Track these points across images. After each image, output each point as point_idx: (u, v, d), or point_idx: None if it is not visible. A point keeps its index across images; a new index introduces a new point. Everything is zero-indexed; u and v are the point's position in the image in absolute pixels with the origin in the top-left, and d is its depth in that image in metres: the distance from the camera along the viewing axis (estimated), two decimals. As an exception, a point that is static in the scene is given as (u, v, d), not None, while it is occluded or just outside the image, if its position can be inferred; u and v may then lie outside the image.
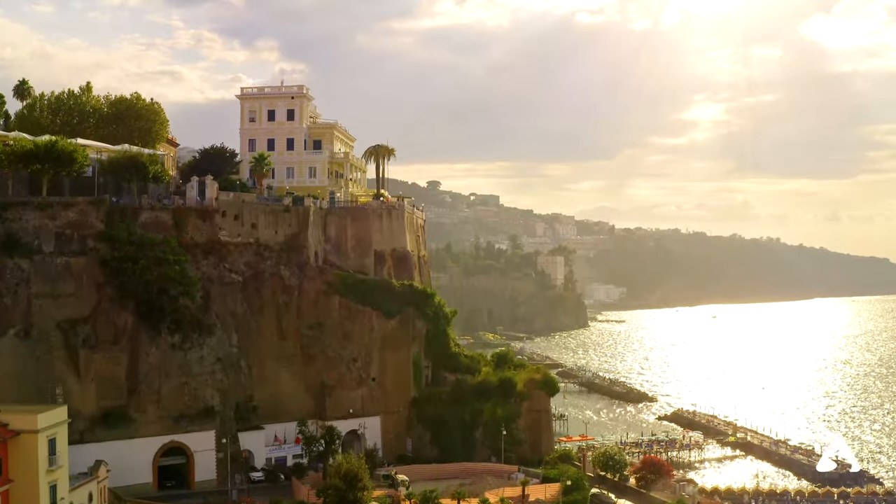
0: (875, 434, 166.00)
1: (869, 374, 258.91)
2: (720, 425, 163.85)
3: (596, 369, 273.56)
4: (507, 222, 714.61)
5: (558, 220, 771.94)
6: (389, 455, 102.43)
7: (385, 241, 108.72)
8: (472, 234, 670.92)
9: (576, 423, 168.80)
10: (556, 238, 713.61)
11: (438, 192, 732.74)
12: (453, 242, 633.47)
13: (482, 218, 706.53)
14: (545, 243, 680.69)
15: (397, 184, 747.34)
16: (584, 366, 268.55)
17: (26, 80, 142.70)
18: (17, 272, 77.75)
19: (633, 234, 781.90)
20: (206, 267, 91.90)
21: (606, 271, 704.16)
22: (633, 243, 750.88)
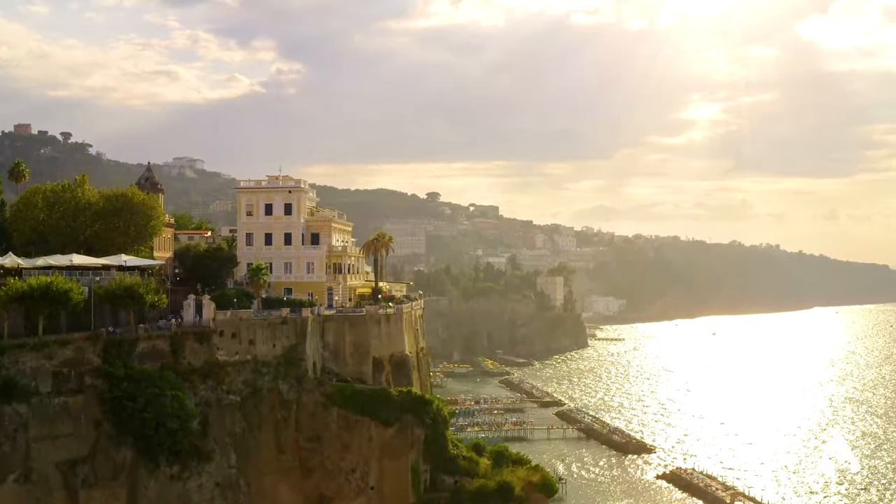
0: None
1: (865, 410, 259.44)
2: (718, 490, 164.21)
3: (594, 406, 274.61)
4: (506, 234, 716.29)
5: (558, 231, 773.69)
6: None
7: (383, 347, 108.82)
8: (471, 246, 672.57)
9: (574, 493, 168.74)
10: (556, 249, 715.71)
11: (438, 204, 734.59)
12: (452, 256, 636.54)
13: (481, 230, 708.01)
14: (545, 255, 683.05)
15: (396, 195, 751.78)
16: (582, 407, 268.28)
17: (21, 162, 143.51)
18: (16, 418, 77.97)
19: (632, 244, 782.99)
20: (205, 391, 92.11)
21: (606, 283, 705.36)
22: (633, 254, 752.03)
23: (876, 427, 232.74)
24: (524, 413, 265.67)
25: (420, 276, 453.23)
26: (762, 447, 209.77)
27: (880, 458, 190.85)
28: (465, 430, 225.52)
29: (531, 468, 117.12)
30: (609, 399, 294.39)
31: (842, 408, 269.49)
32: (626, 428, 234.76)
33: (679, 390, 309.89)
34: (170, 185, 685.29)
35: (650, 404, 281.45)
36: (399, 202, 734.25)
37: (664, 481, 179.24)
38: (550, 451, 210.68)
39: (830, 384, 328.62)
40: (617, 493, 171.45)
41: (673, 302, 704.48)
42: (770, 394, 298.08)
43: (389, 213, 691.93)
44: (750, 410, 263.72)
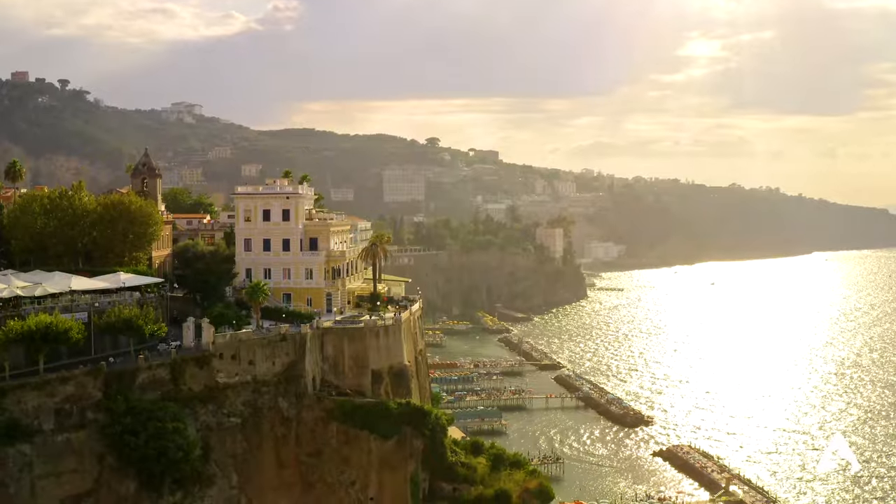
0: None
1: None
2: (713, 471, 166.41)
3: (592, 369, 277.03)
4: (506, 180, 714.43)
5: (557, 176, 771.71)
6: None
7: (382, 359, 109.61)
8: (471, 193, 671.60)
9: (571, 473, 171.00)
10: (556, 196, 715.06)
11: (437, 150, 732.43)
12: (452, 203, 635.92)
13: (481, 176, 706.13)
14: (544, 202, 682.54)
15: (396, 141, 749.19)
16: (581, 372, 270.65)
17: (17, 162, 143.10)
18: (20, 458, 78.80)
19: (632, 189, 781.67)
20: (205, 416, 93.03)
21: (605, 229, 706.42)
22: (632, 199, 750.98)
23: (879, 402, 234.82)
24: (523, 377, 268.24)
25: (419, 229, 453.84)
26: (760, 419, 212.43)
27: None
28: (464, 398, 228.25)
29: (528, 472, 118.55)
30: (607, 361, 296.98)
31: (842, 377, 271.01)
32: (624, 396, 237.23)
33: (676, 351, 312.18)
34: (168, 131, 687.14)
35: (648, 367, 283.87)
36: (398, 147, 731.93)
37: (660, 459, 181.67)
38: (549, 422, 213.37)
39: (830, 347, 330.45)
40: (613, 473, 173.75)
41: (672, 248, 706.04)
42: (770, 357, 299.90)
43: (389, 159, 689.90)
44: (749, 376, 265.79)
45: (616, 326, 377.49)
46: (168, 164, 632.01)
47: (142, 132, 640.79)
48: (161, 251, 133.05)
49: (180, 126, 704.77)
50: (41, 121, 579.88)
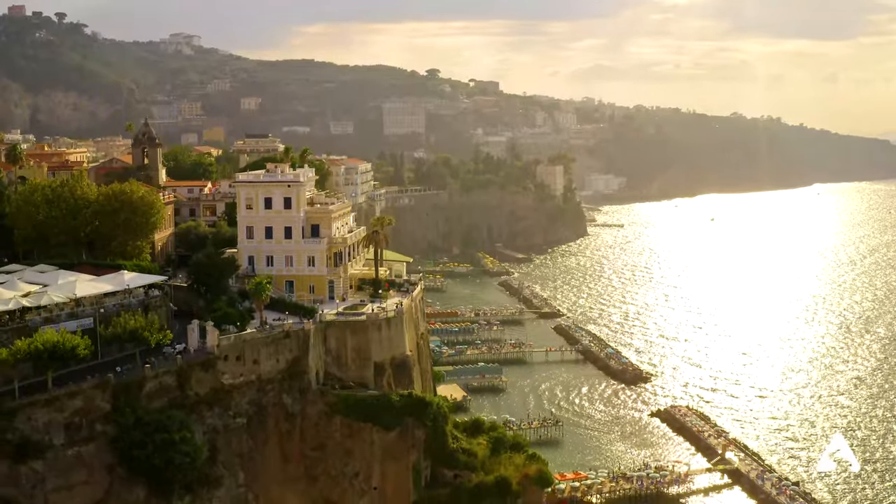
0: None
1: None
2: (710, 436, 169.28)
3: (592, 317, 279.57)
4: (506, 112, 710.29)
5: (558, 107, 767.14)
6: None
7: (384, 351, 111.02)
8: (471, 125, 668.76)
9: (570, 436, 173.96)
10: (556, 128, 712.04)
11: (437, 82, 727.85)
12: (452, 135, 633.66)
13: (481, 109, 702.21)
14: (545, 134, 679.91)
15: (395, 72, 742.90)
16: (580, 320, 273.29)
17: (18, 146, 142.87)
18: (32, 475, 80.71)
19: (632, 120, 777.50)
20: (212, 419, 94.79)
21: (606, 161, 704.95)
22: (633, 131, 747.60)
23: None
24: (523, 326, 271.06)
25: (420, 167, 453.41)
26: (758, 374, 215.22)
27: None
28: (464, 353, 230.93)
29: (528, 456, 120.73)
30: (606, 308, 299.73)
31: (845, 330, 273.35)
32: (623, 348, 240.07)
33: (676, 297, 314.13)
34: (167, 64, 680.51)
35: (646, 314, 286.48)
36: (398, 79, 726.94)
37: (658, 420, 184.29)
38: (549, 378, 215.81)
39: (829, 293, 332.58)
40: (611, 436, 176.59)
41: (673, 180, 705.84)
42: (769, 303, 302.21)
43: (389, 91, 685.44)
44: (748, 324, 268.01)
45: (615, 268, 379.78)
46: (167, 98, 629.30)
47: (140, 65, 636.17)
48: (163, 232, 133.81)
49: (179, 58, 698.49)
50: (39, 56, 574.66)
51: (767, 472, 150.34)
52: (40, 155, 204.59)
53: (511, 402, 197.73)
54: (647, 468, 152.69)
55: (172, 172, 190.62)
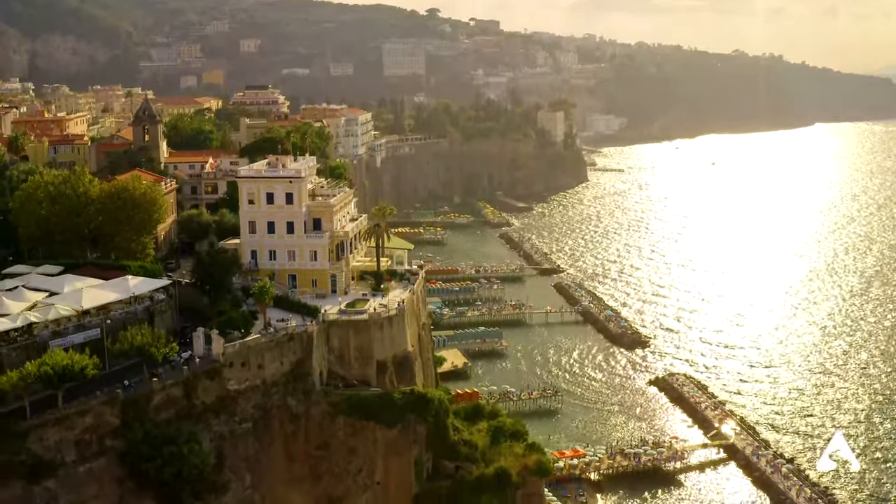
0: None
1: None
2: (707, 407, 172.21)
3: (592, 273, 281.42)
4: (507, 52, 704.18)
5: (559, 45, 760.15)
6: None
7: (386, 350, 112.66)
8: (471, 66, 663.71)
9: (569, 407, 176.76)
10: (557, 67, 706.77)
11: (438, 21, 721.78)
12: (452, 77, 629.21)
13: (482, 49, 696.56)
14: (546, 74, 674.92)
15: (395, 12, 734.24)
16: (580, 277, 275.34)
17: (19, 136, 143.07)
18: (45, 493, 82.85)
19: (633, 59, 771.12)
20: (218, 426, 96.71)
21: (607, 101, 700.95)
22: (634, 70, 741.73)
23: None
24: (523, 283, 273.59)
25: (420, 113, 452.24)
26: (757, 335, 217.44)
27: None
28: (465, 315, 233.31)
29: (528, 445, 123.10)
30: (605, 262, 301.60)
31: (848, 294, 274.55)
32: (622, 308, 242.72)
33: (674, 251, 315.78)
34: (166, 5, 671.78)
35: (646, 270, 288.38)
36: (398, 19, 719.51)
37: (655, 389, 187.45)
38: (548, 342, 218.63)
39: (829, 246, 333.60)
40: (609, 406, 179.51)
41: (674, 120, 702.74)
42: (770, 256, 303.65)
43: (389, 31, 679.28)
44: (749, 280, 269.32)
45: (614, 219, 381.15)
46: (166, 40, 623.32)
47: (138, 6, 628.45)
48: (166, 220, 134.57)
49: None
50: (36, 0, 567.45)
51: (762, 449, 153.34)
52: (40, 123, 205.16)
53: (511, 369, 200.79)
54: (644, 444, 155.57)
55: (172, 141, 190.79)
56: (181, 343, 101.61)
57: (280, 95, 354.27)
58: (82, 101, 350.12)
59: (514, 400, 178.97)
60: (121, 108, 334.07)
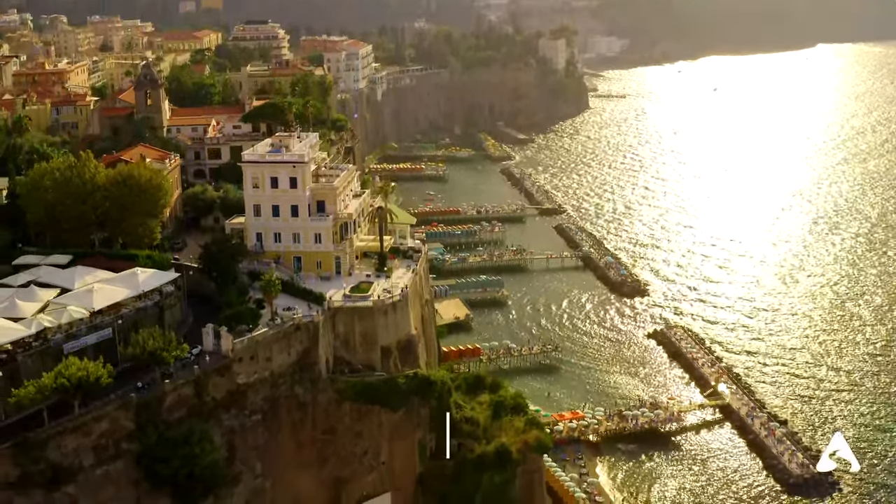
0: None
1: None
2: (704, 364, 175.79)
3: (592, 213, 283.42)
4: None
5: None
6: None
7: (390, 335, 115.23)
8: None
9: (569, 363, 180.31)
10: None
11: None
12: (453, 1, 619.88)
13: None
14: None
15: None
16: (580, 218, 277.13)
17: (23, 117, 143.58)
18: (66, 499, 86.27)
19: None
20: (229, 420, 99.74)
21: (608, 23, 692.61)
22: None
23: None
24: (524, 225, 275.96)
25: (421, 41, 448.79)
26: (757, 281, 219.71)
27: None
28: (466, 260, 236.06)
29: (528, 420, 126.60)
30: (605, 201, 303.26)
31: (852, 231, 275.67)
32: (621, 251, 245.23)
33: (676, 190, 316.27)
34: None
35: (647, 208, 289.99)
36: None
37: (654, 342, 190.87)
38: (549, 289, 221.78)
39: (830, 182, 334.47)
40: (608, 362, 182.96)
41: (676, 42, 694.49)
42: (771, 193, 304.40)
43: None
44: (750, 219, 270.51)
45: (614, 152, 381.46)
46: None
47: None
48: (171, 196, 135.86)
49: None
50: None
51: (757, 410, 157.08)
52: (41, 76, 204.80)
53: (511, 320, 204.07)
54: (642, 406, 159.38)
55: (174, 95, 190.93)
56: (190, 333, 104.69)
57: (280, 30, 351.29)
58: (81, 37, 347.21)
59: (515, 356, 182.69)
60: (120, 45, 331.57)
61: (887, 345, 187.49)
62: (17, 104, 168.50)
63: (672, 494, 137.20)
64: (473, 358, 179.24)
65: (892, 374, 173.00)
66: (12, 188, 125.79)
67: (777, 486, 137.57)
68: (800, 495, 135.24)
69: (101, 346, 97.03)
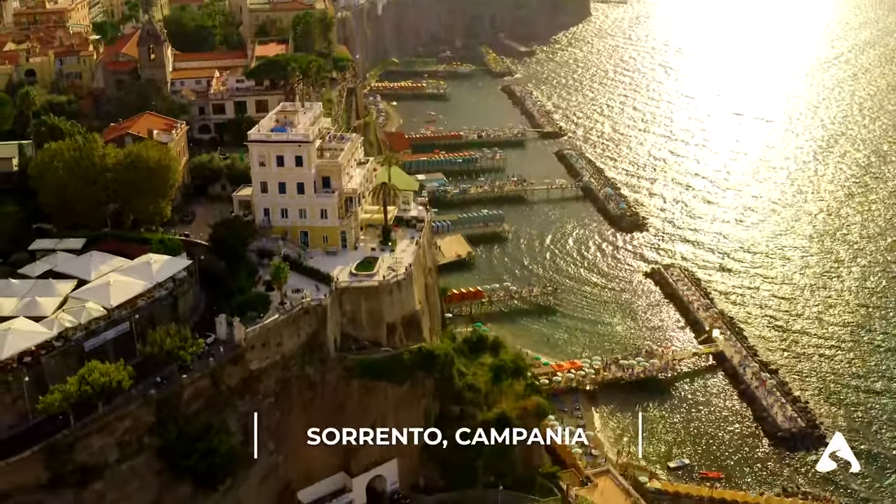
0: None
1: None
2: (700, 308, 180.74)
3: (593, 138, 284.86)
4: None
5: None
6: (405, 488, 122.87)
7: (396, 312, 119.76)
8: None
9: (567, 309, 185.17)
10: None
11: None
12: None
13: None
14: None
15: None
16: (580, 147, 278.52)
17: (30, 91, 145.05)
18: (94, 495, 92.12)
19: None
20: (243, 406, 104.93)
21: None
22: None
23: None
24: (525, 150, 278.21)
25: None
26: (759, 228, 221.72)
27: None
28: (468, 192, 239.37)
29: (528, 385, 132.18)
30: (605, 122, 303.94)
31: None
32: (622, 180, 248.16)
33: (678, 115, 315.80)
34: None
35: (643, 133, 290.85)
36: None
37: (651, 282, 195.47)
38: (549, 223, 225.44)
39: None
40: (605, 302, 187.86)
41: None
42: (774, 117, 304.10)
43: None
44: (756, 160, 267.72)
45: (613, 66, 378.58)
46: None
47: None
48: (178, 164, 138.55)
49: None
50: None
51: (749, 358, 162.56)
52: (42, 15, 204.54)
53: (512, 257, 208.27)
54: (637, 354, 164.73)
55: (175, 39, 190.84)
56: (203, 320, 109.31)
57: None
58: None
59: (516, 298, 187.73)
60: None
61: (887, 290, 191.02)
62: (20, 57, 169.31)
63: (664, 446, 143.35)
64: (475, 300, 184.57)
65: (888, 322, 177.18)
66: (23, 164, 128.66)
67: (765, 440, 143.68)
68: (787, 449, 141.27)
69: (119, 339, 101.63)
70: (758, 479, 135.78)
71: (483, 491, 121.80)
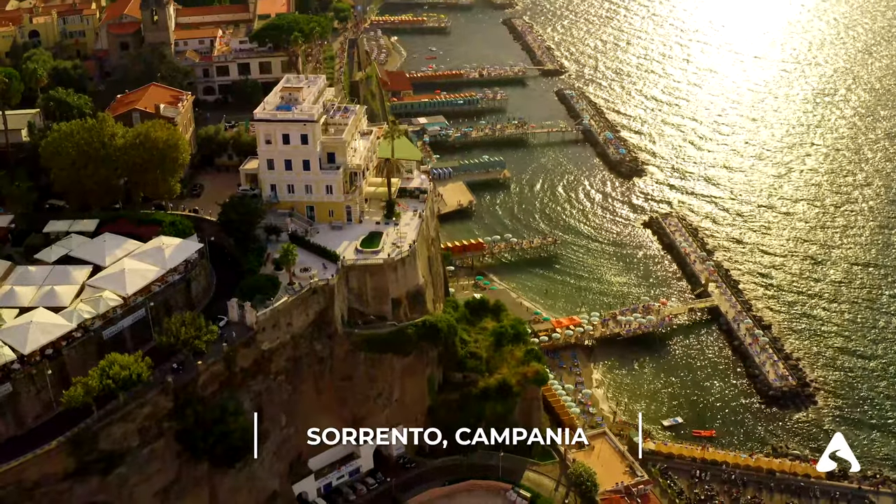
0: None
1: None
2: (696, 260, 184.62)
3: (594, 76, 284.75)
4: None
5: None
6: (410, 452, 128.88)
7: (400, 288, 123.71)
8: None
9: (566, 261, 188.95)
10: None
11: None
12: None
13: None
14: None
15: None
16: (581, 87, 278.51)
17: (37, 68, 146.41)
18: (118, 479, 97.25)
19: None
20: (256, 385, 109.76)
21: None
22: None
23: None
24: (526, 88, 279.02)
25: None
26: (758, 180, 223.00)
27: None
28: (469, 136, 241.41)
29: (528, 351, 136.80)
30: (606, 60, 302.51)
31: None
32: (621, 122, 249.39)
33: (674, 54, 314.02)
34: None
35: (650, 78, 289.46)
36: None
37: (649, 232, 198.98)
38: (549, 168, 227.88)
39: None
40: (602, 253, 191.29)
41: None
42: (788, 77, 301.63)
43: None
44: (760, 109, 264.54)
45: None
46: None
47: None
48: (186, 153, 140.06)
49: None
50: None
51: (744, 314, 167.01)
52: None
53: (512, 204, 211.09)
54: (634, 310, 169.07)
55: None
56: (215, 300, 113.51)
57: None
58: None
59: (517, 249, 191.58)
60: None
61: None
62: (24, 18, 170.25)
63: (657, 404, 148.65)
64: (477, 252, 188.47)
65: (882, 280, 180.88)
66: (33, 138, 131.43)
67: (757, 397, 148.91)
68: (777, 407, 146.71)
69: (135, 326, 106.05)
70: (749, 438, 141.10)
71: (485, 455, 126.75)
